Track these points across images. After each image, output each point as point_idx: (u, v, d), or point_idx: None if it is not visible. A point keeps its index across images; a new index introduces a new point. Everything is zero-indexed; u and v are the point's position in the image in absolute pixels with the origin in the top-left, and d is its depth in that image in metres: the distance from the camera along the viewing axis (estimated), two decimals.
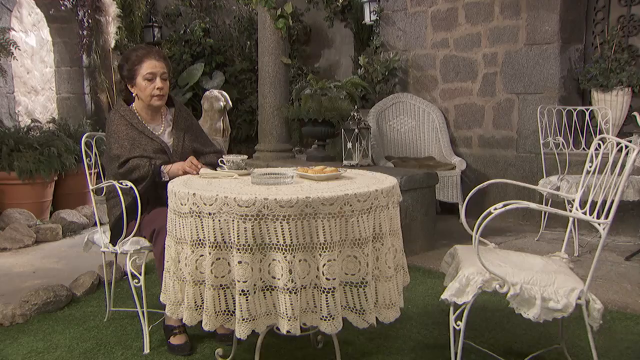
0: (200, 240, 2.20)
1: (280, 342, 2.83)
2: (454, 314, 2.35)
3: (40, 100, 8.84)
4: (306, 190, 2.22)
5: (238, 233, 2.11)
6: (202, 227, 2.18)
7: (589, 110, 4.84)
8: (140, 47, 3.05)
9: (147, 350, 2.75)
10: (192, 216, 2.21)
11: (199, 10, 8.66)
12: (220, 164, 2.76)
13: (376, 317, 2.32)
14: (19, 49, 5.74)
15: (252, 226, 2.11)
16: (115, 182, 2.79)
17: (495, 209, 2.26)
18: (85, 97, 7.79)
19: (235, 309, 2.17)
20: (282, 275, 2.12)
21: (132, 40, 8.17)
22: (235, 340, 2.64)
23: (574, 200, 2.80)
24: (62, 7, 7.15)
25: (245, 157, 2.77)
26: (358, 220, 2.21)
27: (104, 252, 2.97)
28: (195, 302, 2.24)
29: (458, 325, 2.34)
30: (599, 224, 2.29)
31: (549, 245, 4.66)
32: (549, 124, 4.83)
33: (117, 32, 8.01)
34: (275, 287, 2.16)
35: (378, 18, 6.47)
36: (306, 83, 5.70)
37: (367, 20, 6.70)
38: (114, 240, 2.88)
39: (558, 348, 2.69)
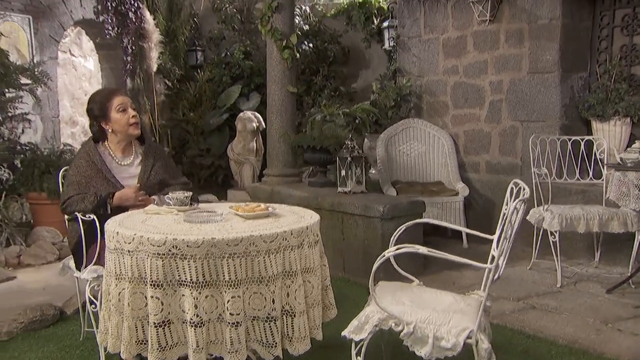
0: (121, 274, 2.46)
1: None
2: (355, 349, 2.52)
3: None
4: (213, 232, 2.44)
5: (151, 270, 2.36)
6: (123, 263, 2.45)
7: (584, 140, 4.84)
8: (103, 89, 3.41)
9: None
10: (116, 252, 2.48)
11: (240, 34, 9.04)
12: (166, 200, 3.02)
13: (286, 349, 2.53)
14: (52, 80, 6.24)
15: (162, 264, 2.35)
16: (79, 215, 3.12)
17: (389, 252, 2.44)
18: None
19: None
20: (189, 309, 2.36)
21: (175, 64, 8.65)
22: None
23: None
24: (107, 36, 7.67)
25: (190, 193, 3.02)
26: (264, 260, 2.42)
27: (77, 277, 3.29)
28: (118, 332, 2.50)
29: None
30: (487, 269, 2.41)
31: (539, 274, 4.69)
32: (542, 154, 4.85)
33: (159, 57, 8.49)
34: (185, 320, 2.40)
35: (395, 44, 6.64)
36: (317, 109, 5.93)
37: (386, 46, 6.89)
38: (77, 267, 3.21)
39: None
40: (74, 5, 7.41)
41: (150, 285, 2.37)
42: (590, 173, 4.84)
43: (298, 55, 5.60)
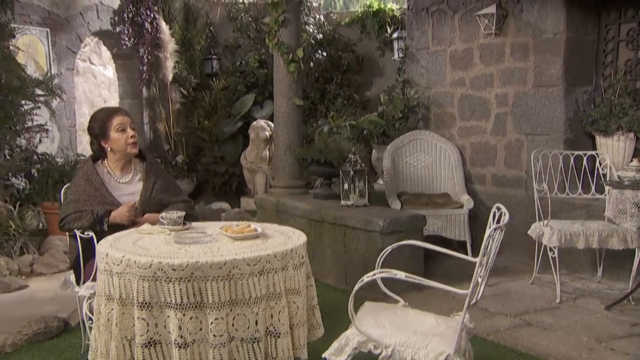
0: (110, 295, 2.56)
1: None
2: None
3: None
4: (199, 254, 2.52)
5: (138, 291, 2.45)
6: (112, 285, 2.55)
7: (586, 155, 4.83)
8: (104, 108, 3.53)
9: None
10: (106, 274, 2.58)
11: (255, 42, 9.13)
12: (160, 219, 3.11)
13: None
14: (65, 93, 6.41)
15: (149, 286, 2.44)
16: (78, 232, 3.23)
17: (368, 276, 2.50)
18: (144, 126, 8.47)
19: None
20: (173, 330, 2.45)
21: (191, 73, 8.77)
22: None
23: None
24: (124, 47, 7.84)
25: (183, 213, 3.11)
26: (248, 282, 2.49)
27: (76, 292, 3.40)
28: (107, 351, 2.60)
29: None
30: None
31: (540, 289, 4.69)
32: (545, 168, 4.86)
33: (175, 66, 8.64)
34: (170, 341, 2.48)
35: (404, 55, 6.68)
36: (324, 121, 6.00)
37: (395, 57, 6.94)
38: (77, 281, 3.32)
39: None
40: (91, 18, 7.58)
41: (137, 306, 2.45)
42: (593, 188, 4.83)
43: (312, 64, 5.68)
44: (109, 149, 3.48)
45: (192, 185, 8.62)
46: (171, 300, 2.43)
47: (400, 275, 2.44)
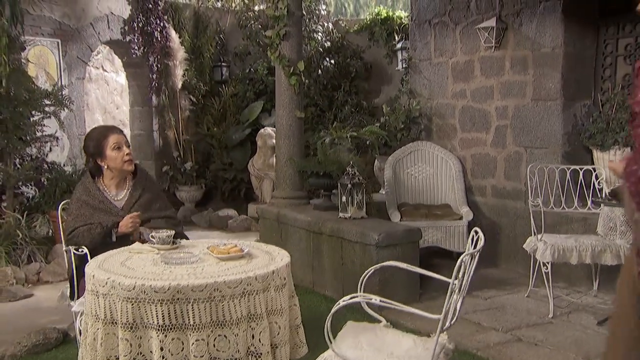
0: (97, 315, 2.66)
1: None
2: None
3: (127, 132, 9.80)
4: (182, 276, 2.61)
5: (121, 312, 2.55)
6: (98, 305, 2.64)
7: (582, 170, 4.85)
8: (99, 127, 3.63)
9: None
10: (92, 294, 2.68)
11: (265, 50, 9.20)
12: (150, 238, 3.21)
13: None
14: (73, 103, 6.54)
15: (132, 307, 2.53)
16: (72, 248, 3.34)
17: (344, 300, 2.57)
18: (154, 134, 8.61)
19: None
20: (155, 351, 2.53)
21: (200, 80, 8.89)
22: None
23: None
24: (134, 56, 7.97)
25: (173, 232, 3.20)
26: (229, 304, 2.57)
27: (71, 307, 3.51)
28: None
29: None
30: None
31: (535, 302, 4.71)
32: (541, 182, 4.89)
33: (184, 74, 8.76)
34: None
35: (407, 66, 6.73)
36: (326, 132, 6.06)
37: (399, 67, 6.98)
38: (71, 297, 3.43)
39: None
40: (101, 27, 7.71)
41: (121, 327, 2.55)
42: (589, 202, 4.84)
43: (320, 71, 5.74)
44: (105, 167, 3.58)
45: (201, 191, 8.75)
46: (154, 322, 2.51)
47: (376, 300, 2.51)
